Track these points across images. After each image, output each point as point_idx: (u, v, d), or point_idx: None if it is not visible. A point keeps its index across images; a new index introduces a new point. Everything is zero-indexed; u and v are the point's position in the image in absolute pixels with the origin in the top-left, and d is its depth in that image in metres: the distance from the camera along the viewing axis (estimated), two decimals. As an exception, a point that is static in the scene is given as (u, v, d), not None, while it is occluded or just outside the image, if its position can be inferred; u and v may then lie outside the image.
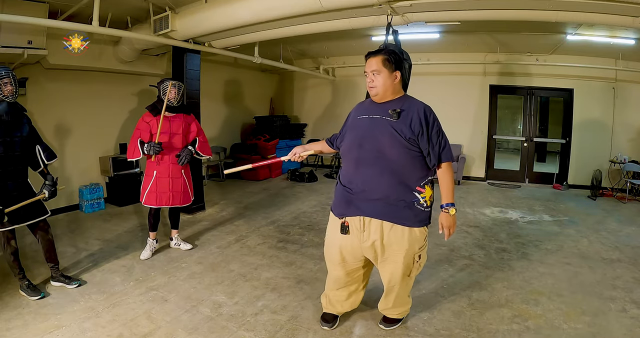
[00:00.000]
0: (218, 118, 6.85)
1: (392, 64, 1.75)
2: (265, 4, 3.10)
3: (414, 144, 1.72)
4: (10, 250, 2.39)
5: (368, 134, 1.78)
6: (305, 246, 3.45)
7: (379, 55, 1.75)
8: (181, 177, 3.16)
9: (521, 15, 3.01)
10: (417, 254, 1.86)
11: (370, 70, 1.76)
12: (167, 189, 3.09)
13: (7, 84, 2.24)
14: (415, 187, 1.78)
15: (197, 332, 2.08)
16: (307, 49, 6.72)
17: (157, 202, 3.08)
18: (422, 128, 1.71)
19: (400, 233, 1.79)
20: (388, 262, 1.87)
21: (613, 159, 5.78)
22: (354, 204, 1.82)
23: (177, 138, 3.11)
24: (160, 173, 3.07)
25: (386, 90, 1.77)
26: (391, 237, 1.79)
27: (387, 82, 1.75)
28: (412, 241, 1.81)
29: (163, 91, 3.01)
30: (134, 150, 2.97)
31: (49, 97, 4.29)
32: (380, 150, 1.74)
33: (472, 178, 6.73)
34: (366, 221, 1.81)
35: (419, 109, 1.74)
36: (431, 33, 5.05)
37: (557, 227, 4.10)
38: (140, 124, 3.03)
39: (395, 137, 1.71)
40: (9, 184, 2.34)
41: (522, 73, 6.26)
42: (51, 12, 3.39)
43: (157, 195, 3.07)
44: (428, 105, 1.79)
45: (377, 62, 1.74)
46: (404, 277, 1.89)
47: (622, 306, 2.38)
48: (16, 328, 2.08)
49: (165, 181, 3.09)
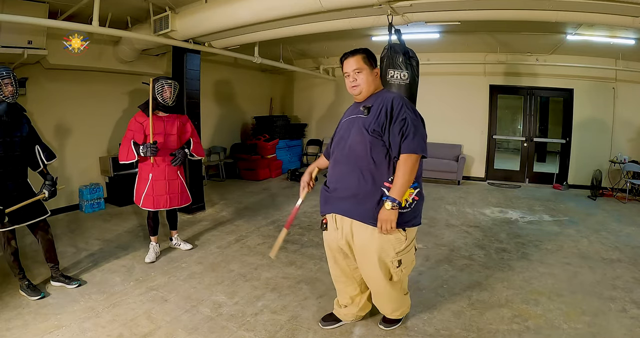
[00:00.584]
0: (218, 118, 6.85)
1: (372, 61, 1.78)
2: (265, 3, 3.10)
3: (378, 136, 1.68)
4: (10, 250, 2.40)
5: (345, 134, 1.81)
6: (305, 246, 3.44)
7: (358, 55, 1.77)
8: (177, 178, 3.10)
9: (521, 15, 3.01)
10: (395, 259, 1.75)
11: (352, 69, 1.77)
12: (164, 192, 3.02)
13: (8, 84, 2.24)
14: (383, 183, 1.70)
15: (197, 332, 2.08)
16: (307, 49, 6.72)
17: (155, 205, 3.01)
18: (387, 119, 1.66)
19: (369, 233, 1.72)
20: (364, 264, 1.82)
21: (613, 158, 5.77)
22: (329, 202, 1.84)
23: (171, 138, 3.02)
24: (156, 176, 2.98)
25: (369, 87, 1.78)
26: (360, 236, 1.75)
27: (369, 79, 1.77)
28: (383, 243, 1.72)
29: (158, 90, 2.89)
30: (127, 152, 2.83)
31: (49, 97, 4.29)
32: (351, 148, 1.75)
33: (472, 179, 6.73)
34: (338, 218, 1.82)
35: (387, 100, 1.70)
36: (431, 33, 5.05)
37: (557, 227, 4.10)
38: (133, 125, 2.90)
39: (362, 132, 1.70)
40: (9, 184, 2.34)
41: (522, 73, 6.26)
42: (51, 12, 3.39)
43: (154, 199, 2.99)
44: (402, 96, 1.75)
45: (358, 60, 1.76)
46: (386, 281, 1.82)
47: (622, 306, 2.38)
48: (16, 328, 2.08)
49: (161, 184, 3.01)
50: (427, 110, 4.99)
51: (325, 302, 2.41)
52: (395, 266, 1.77)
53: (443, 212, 4.65)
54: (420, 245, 3.45)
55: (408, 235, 1.76)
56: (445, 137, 6.75)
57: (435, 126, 6.85)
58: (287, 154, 7.51)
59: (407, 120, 1.64)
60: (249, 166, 6.60)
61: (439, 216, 4.44)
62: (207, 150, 6.47)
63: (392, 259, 1.76)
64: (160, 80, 2.92)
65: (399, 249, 1.74)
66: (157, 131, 2.92)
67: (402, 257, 1.77)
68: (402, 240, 1.74)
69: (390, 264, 1.77)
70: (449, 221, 4.25)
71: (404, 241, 1.74)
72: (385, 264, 1.77)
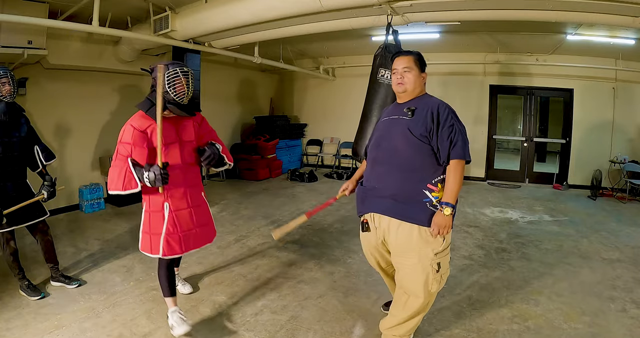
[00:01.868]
0: (218, 118, 6.83)
1: (422, 65, 1.82)
2: (265, 3, 3.10)
3: (426, 141, 1.71)
4: (9, 250, 2.39)
5: (386, 133, 1.83)
6: (305, 246, 3.44)
7: (410, 55, 1.82)
8: (203, 202, 2.20)
9: (521, 15, 3.01)
10: (434, 261, 1.72)
11: (402, 67, 1.80)
12: (191, 225, 2.08)
13: (5, 83, 2.24)
14: (426, 185, 1.71)
15: (197, 332, 2.08)
16: (307, 49, 6.72)
17: (184, 247, 2.04)
18: (434, 124, 1.69)
19: (408, 232, 1.72)
20: (401, 265, 1.79)
21: (613, 159, 5.77)
22: (367, 201, 1.84)
23: (189, 148, 2.08)
24: (175, 206, 2.02)
25: (415, 88, 1.80)
26: (399, 235, 1.74)
27: (417, 80, 1.80)
28: (423, 242, 1.71)
29: (168, 81, 1.89)
30: (124, 179, 1.81)
31: (48, 97, 4.28)
32: (394, 148, 1.76)
33: (472, 179, 6.73)
34: (376, 217, 1.81)
35: (433, 106, 1.73)
36: (431, 33, 5.05)
37: (557, 227, 4.10)
38: (129, 135, 1.90)
39: (407, 134, 1.71)
40: (8, 185, 2.34)
41: (522, 73, 6.25)
42: (51, 12, 3.39)
43: (180, 238, 2.02)
44: (446, 103, 1.78)
45: (409, 60, 1.80)
46: (422, 287, 1.73)
47: (622, 306, 2.38)
48: (16, 328, 2.08)
49: (185, 214, 2.06)
50: (427, 110, 5.02)
51: (325, 302, 2.42)
52: (435, 270, 1.73)
53: (443, 212, 4.64)
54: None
55: (446, 237, 1.75)
56: (445, 137, 6.76)
57: (435, 126, 6.89)
58: (287, 154, 7.51)
59: (455, 126, 1.69)
60: (249, 166, 6.60)
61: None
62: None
63: (432, 261, 1.72)
64: (172, 67, 1.92)
65: (437, 250, 1.72)
66: (169, 140, 1.97)
67: (441, 261, 1.74)
68: (441, 241, 1.73)
69: (430, 268, 1.72)
70: (449, 221, 4.24)
71: (441, 242, 1.73)
72: (424, 268, 1.72)
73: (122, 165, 1.86)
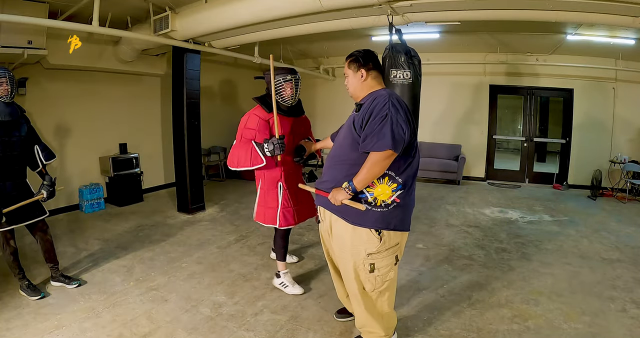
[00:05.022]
0: (218, 118, 6.84)
1: (356, 63, 1.77)
2: (265, 3, 3.10)
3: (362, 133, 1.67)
4: (9, 250, 2.39)
5: (340, 129, 1.90)
6: (305, 246, 3.44)
7: (347, 60, 1.81)
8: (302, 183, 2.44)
9: (521, 15, 3.01)
10: (366, 261, 1.67)
11: (344, 73, 1.85)
12: (303, 198, 2.54)
13: (2, 83, 2.24)
14: None
15: (197, 332, 2.08)
16: (307, 49, 6.72)
17: (296, 219, 2.47)
18: (367, 117, 1.61)
19: (342, 228, 1.72)
20: (339, 259, 1.83)
21: (613, 158, 5.77)
22: (318, 195, 1.87)
23: (298, 140, 2.51)
24: (289, 184, 2.45)
25: (355, 89, 1.80)
26: (335, 229, 1.78)
27: (354, 81, 1.79)
28: (355, 241, 1.68)
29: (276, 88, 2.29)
30: (250, 156, 2.21)
31: (49, 97, 4.29)
32: (339, 143, 1.80)
33: (472, 179, 6.73)
34: (321, 210, 1.88)
35: (373, 99, 1.65)
36: (431, 33, 5.05)
37: (557, 227, 4.10)
38: (256, 123, 2.31)
39: (351, 128, 1.71)
40: (8, 184, 2.34)
41: (522, 73, 6.26)
42: (51, 12, 3.39)
43: (293, 212, 2.46)
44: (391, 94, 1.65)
45: (346, 65, 1.82)
46: (357, 285, 1.73)
47: (622, 306, 2.38)
48: (16, 328, 2.08)
49: (292, 192, 2.48)
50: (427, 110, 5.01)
51: (325, 302, 2.42)
52: (367, 270, 1.68)
53: (443, 212, 4.65)
54: (420, 245, 3.45)
55: (384, 239, 1.66)
56: (445, 137, 6.75)
57: (435, 126, 6.91)
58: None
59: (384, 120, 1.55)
60: (249, 166, 6.59)
61: (439, 216, 4.44)
62: (207, 150, 6.48)
63: (363, 260, 1.67)
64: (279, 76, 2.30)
65: (370, 250, 1.66)
66: (284, 131, 2.37)
67: (376, 262, 1.67)
68: (375, 241, 1.65)
69: (362, 266, 1.69)
70: (449, 221, 4.25)
71: (377, 243, 1.65)
72: (357, 267, 1.70)
73: (247, 146, 2.25)
